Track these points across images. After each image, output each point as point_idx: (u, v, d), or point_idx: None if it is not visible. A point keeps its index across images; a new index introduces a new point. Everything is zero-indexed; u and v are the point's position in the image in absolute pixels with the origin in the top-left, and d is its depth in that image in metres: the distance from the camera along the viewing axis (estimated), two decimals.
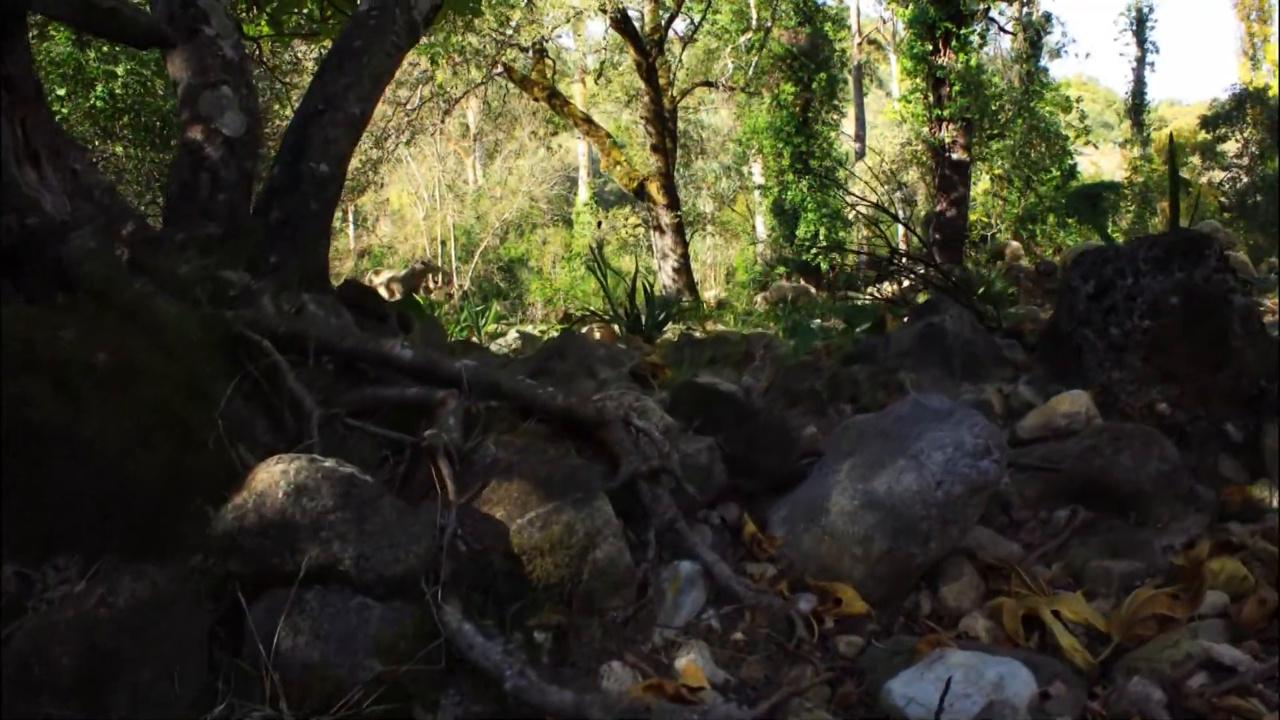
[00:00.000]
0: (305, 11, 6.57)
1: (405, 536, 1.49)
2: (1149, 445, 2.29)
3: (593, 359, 3.06)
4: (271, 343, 2.02)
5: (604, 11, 14.10)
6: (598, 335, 4.68)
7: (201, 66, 3.18)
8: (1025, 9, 16.67)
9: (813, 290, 15.14)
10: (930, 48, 14.51)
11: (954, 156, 14.76)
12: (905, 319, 3.90)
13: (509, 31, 14.13)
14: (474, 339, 6.33)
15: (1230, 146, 16.57)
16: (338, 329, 2.46)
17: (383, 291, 12.02)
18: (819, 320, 7.85)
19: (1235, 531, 2.24)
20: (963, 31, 14.49)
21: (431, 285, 17.32)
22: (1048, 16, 16.84)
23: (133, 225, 2.96)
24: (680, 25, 17.49)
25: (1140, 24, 20.48)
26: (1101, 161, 24.66)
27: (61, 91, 11.43)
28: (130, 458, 1.69)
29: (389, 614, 1.43)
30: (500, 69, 14.84)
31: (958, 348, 2.88)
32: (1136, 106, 20.48)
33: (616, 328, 5.03)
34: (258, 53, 7.91)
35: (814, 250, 17.34)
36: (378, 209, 21.71)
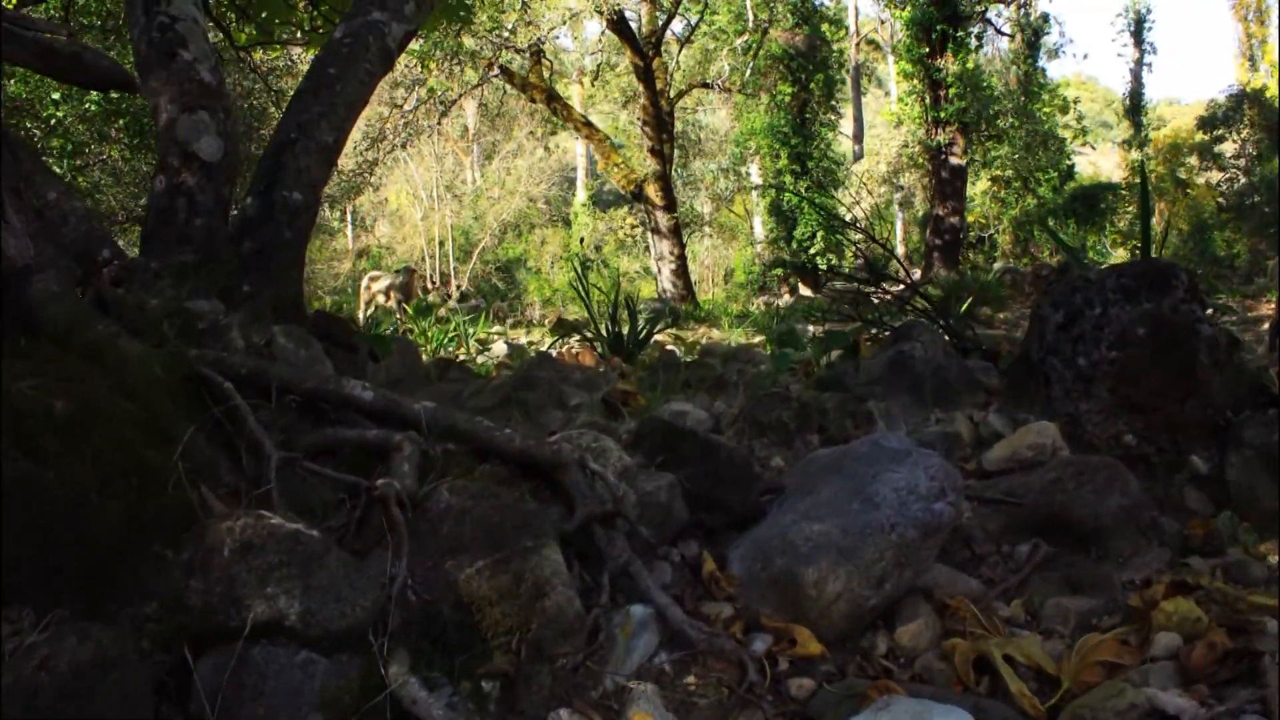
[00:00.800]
0: (294, 20, 6.59)
1: (352, 591, 1.50)
2: (1111, 480, 2.30)
3: (567, 384, 3.07)
4: (235, 382, 2.04)
5: (600, 13, 14.10)
6: (578, 351, 4.70)
7: (179, 91, 3.20)
8: (1023, 9, 16.64)
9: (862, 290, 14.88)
10: (926, 50, 14.51)
11: (951, 160, 14.77)
12: (886, 334, 3.91)
13: (505, 34, 14.13)
14: (462, 350, 6.34)
15: (1228, 147, 16.55)
16: (306, 361, 2.48)
17: (380, 298, 12.03)
18: (812, 328, 7.85)
19: (1196, 567, 2.26)
20: (959, 34, 14.49)
21: (430, 286, 17.34)
22: (1045, 17, 16.83)
23: (108, 253, 2.99)
24: (678, 26, 17.49)
25: (1138, 27, 20.44)
26: (1100, 161, 24.64)
27: (56, 95, 11.47)
28: (88, 504, 1.71)
29: (334, 668, 1.45)
30: (496, 71, 14.84)
31: (928, 375, 2.89)
32: (1135, 107, 20.45)
33: (599, 345, 5.04)
34: (249, 60, 7.92)
35: (812, 252, 17.38)
36: (376, 209, 21.74)
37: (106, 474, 1.78)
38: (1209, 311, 2.79)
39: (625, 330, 4.94)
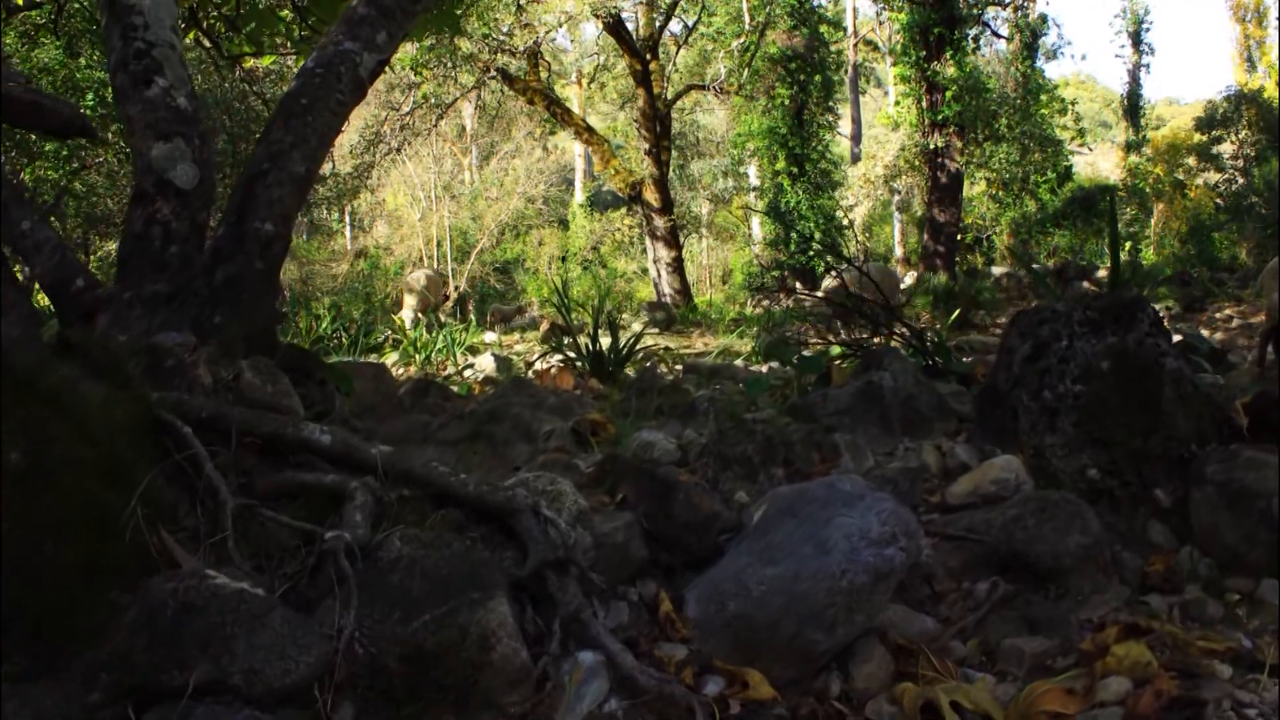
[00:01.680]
0: (282, 32, 6.61)
1: (296, 648, 1.52)
2: (1072, 518, 2.31)
3: (541, 410, 3.09)
4: (196, 425, 2.06)
5: (596, 16, 14.09)
6: (557, 373, 4.71)
7: (155, 118, 3.21)
8: (1020, 11, 16.60)
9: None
10: (923, 53, 14.49)
11: (948, 164, 14.75)
12: (858, 356, 3.91)
13: (501, 37, 14.12)
14: (450, 363, 6.37)
15: (1226, 148, 16.52)
16: (272, 396, 2.49)
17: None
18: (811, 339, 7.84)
19: (1154, 606, 2.27)
20: (955, 36, 14.46)
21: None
22: (1043, 18, 16.79)
23: (81, 282, 3.01)
24: (675, 26, 17.48)
25: (1136, 31, 20.38)
26: (1099, 161, 24.60)
27: None
28: (43, 555, 1.73)
29: None
30: (493, 73, 14.84)
31: (896, 404, 2.90)
32: (1132, 109, 20.40)
33: (581, 363, 5.05)
34: (239, 70, 7.95)
35: (810, 253, 17.38)
36: (374, 210, 21.77)
37: (63, 523, 1.80)
38: (1176, 339, 2.80)
39: (608, 346, 4.94)
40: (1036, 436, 2.66)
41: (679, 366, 6.40)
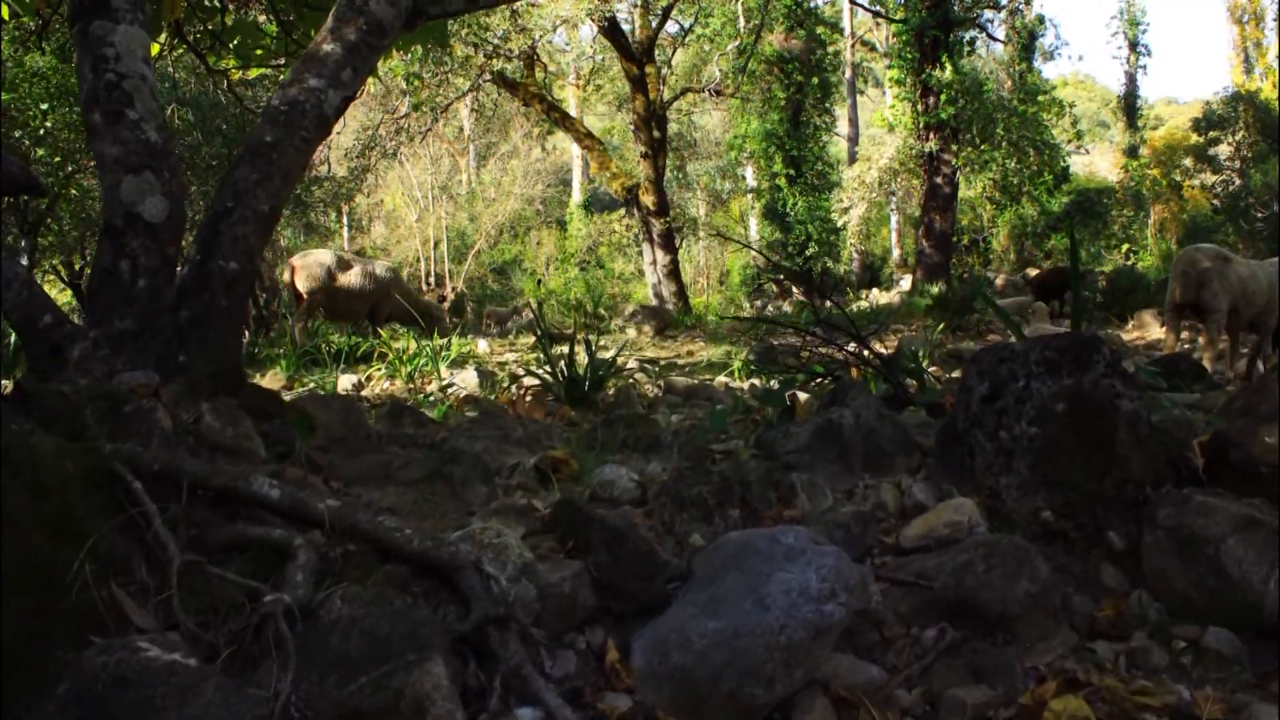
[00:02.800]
0: (269, 47, 6.63)
1: (229, 715, 1.54)
2: (1020, 564, 2.33)
3: (507, 444, 3.11)
4: (148, 477, 2.08)
5: (591, 18, 14.09)
6: (530, 401, 4.73)
7: (125, 151, 3.24)
8: (1017, 12, 16.55)
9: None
10: (919, 56, 14.45)
11: (943, 167, 14.73)
12: (832, 378, 3.92)
13: (495, 40, 14.12)
14: (433, 379, 6.40)
15: (1223, 149, 16.47)
16: (233, 439, 2.52)
17: None
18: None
19: (1100, 653, 2.29)
20: (950, 40, 14.41)
21: (424, 288, 17.37)
22: (1040, 19, 16.73)
23: (49, 319, 3.03)
24: (672, 28, 17.46)
25: (1134, 40, 20.32)
26: (1096, 161, 24.53)
27: (45, 106, 11.54)
28: None
29: None
30: (488, 76, 14.84)
31: (857, 441, 2.91)
32: (1130, 112, 20.34)
33: (555, 387, 5.06)
34: (229, 81, 7.98)
35: (807, 254, 17.39)
36: (371, 211, 21.78)
37: (10, 581, 1.82)
38: (1132, 370, 2.81)
39: (585, 367, 4.95)
40: (992, 477, 2.68)
41: (661, 382, 6.42)
